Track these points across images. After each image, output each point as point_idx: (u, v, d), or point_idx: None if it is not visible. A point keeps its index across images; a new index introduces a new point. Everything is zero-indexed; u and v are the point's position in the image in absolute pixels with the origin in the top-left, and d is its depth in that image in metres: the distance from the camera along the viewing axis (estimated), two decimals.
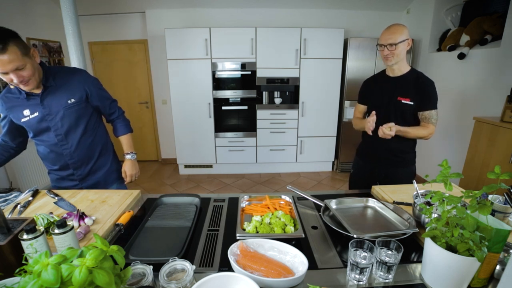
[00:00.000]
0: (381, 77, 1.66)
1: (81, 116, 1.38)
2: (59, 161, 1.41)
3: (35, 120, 1.30)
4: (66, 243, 0.78)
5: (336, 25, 3.80)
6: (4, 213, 0.87)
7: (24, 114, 1.29)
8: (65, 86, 1.32)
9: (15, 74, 1.11)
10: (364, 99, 1.75)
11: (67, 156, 1.40)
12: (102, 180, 1.53)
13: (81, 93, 1.35)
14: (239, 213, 1.10)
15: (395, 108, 1.56)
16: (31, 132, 1.34)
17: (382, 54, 1.52)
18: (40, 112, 1.29)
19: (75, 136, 1.38)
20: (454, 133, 3.04)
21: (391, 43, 1.45)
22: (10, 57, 1.07)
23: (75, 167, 1.44)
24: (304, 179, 3.87)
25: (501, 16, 2.71)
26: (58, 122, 1.33)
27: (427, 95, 1.51)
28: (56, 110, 1.31)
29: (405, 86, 1.54)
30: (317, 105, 3.73)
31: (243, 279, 0.71)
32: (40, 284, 0.50)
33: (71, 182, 1.48)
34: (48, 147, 1.37)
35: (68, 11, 1.92)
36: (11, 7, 2.96)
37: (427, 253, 0.78)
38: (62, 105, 1.31)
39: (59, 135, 1.35)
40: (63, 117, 1.32)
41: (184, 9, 3.74)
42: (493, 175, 0.70)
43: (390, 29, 1.48)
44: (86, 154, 1.44)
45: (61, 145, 1.37)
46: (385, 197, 1.28)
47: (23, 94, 1.26)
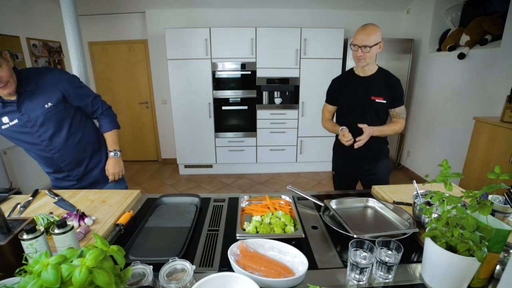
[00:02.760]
0: (352, 77, 1.65)
1: (63, 118, 1.32)
2: (52, 165, 1.39)
3: (15, 127, 1.25)
4: (66, 243, 0.78)
5: (336, 25, 3.80)
6: (4, 213, 0.87)
7: (3, 121, 1.24)
8: (39, 89, 1.25)
9: None
10: (334, 99, 1.74)
11: (58, 159, 1.37)
12: (100, 177, 1.51)
13: (57, 94, 1.28)
14: (239, 213, 1.10)
15: (370, 108, 1.58)
16: (15, 139, 1.30)
17: (355, 54, 1.51)
18: (19, 119, 1.24)
19: (60, 140, 1.33)
20: (454, 133, 3.04)
21: (366, 45, 1.45)
22: None
23: (68, 169, 1.41)
24: (304, 179, 3.87)
25: (501, 16, 2.71)
26: (40, 128, 1.28)
27: (397, 93, 1.56)
28: (34, 116, 1.25)
29: (377, 85, 1.56)
30: (317, 105, 3.72)
31: (243, 279, 0.71)
32: (40, 284, 0.50)
33: (68, 182, 1.47)
34: (36, 152, 1.34)
35: (68, 11, 1.92)
36: (11, 7, 2.96)
37: (427, 253, 0.78)
38: (40, 111, 1.25)
39: (44, 140, 1.30)
40: (43, 122, 1.27)
41: (184, 9, 3.74)
42: (493, 175, 0.70)
43: (366, 30, 1.45)
44: (77, 155, 1.40)
45: (48, 150, 1.33)
46: (385, 197, 1.28)
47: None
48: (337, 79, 1.76)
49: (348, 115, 1.69)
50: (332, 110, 1.79)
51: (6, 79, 1.12)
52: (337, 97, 1.72)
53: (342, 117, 1.75)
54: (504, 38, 2.52)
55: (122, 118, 4.36)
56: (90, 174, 1.48)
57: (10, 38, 2.91)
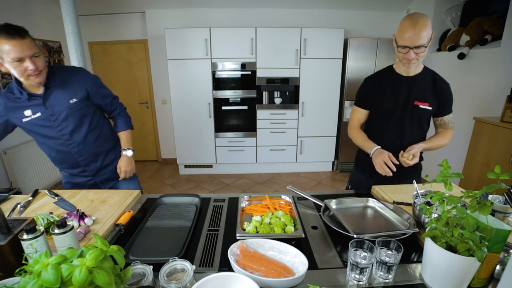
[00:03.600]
0: (391, 75, 1.37)
1: (84, 114, 1.38)
2: (69, 159, 1.41)
3: (38, 120, 1.29)
4: (66, 243, 0.78)
5: (336, 25, 3.80)
6: (4, 213, 0.87)
7: (25, 114, 1.28)
8: (66, 86, 1.31)
9: (32, 61, 1.14)
10: (368, 102, 1.42)
11: (76, 154, 1.40)
12: (113, 175, 1.55)
13: (82, 92, 1.35)
14: (239, 213, 1.10)
15: (411, 115, 1.34)
16: (34, 132, 1.33)
17: (405, 57, 1.23)
18: (42, 112, 1.29)
19: (80, 135, 1.38)
20: (454, 133, 3.03)
21: (420, 45, 1.17)
22: (29, 43, 1.12)
23: (85, 163, 1.44)
24: (304, 179, 3.87)
25: (501, 16, 2.71)
26: (63, 122, 1.33)
27: (446, 99, 1.35)
28: (59, 111, 1.31)
29: (422, 88, 1.32)
30: (317, 105, 3.73)
31: (243, 279, 0.71)
32: (40, 284, 0.50)
33: (83, 178, 1.49)
34: (55, 146, 1.37)
35: (68, 11, 1.93)
36: (11, 7, 2.96)
37: (427, 253, 0.78)
38: (64, 105, 1.31)
39: (65, 134, 1.35)
40: (66, 117, 1.32)
41: (184, 9, 3.74)
42: (493, 175, 0.70)
43: (417, 25, 1.15)
44: (94, 150, 1.44)
45: (67, 144, 1.37)
46: (385, 197, 1.28)
47: (24, 95, 1.25)
48: (372, 78, 1.44)
49: (381, 122, 1.41)
50: (364, 117, 1.47)
51: (41, 68, 1.19)
52: (371, 100, 1.41)
53: (373, 123, 1.46)
54: (504, 38, 2.52)
55: None
56: (105, 170, 1.52)
57: None
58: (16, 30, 1.10)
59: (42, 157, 3.19)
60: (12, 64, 1.13)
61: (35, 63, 1.15)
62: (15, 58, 1.11)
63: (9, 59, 1.11)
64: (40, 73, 1.19)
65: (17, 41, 1.09)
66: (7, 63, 1.13)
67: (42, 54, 1.19)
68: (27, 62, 1.13)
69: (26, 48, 1.11)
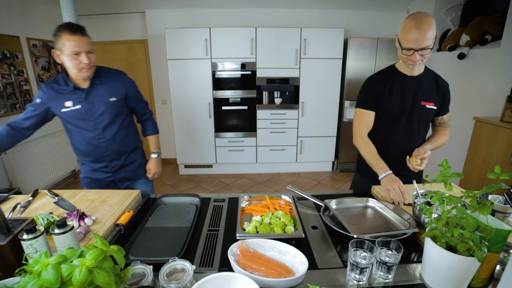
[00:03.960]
0: (396, 75, 1.34)
1: (119, 113, 1.48)
2: (95, 153, 1.47)
3: (76, 111, 1.38)
4: (66, 243, 0.78)
5: (336, 25, 3.80)
6: (4, 213, 0.87)
7: (65, 105, 1.37)
8: (109, 85, 1.43)
9: (87, 56, 1.28)
10: (374, 102, 1.35)
11: (103, 148, 1.47)
12: (132, 173, 1.61)
13: (122, 93, 1.47)
14: (239, 213, 1.10)
15: (419, 115, 1.32)
16: (69, 123, 1.41)
17: (409, 59, 1.20)
18: (82, 105, 1.38)
19: (111, 131, 1.46)
20: (454, 133, 3.04)
21: (425, 47, 1.14)
22: (87, 40, 1.28)
23: (109, 159, 1.51)
24: (304, 179, 3.87)
25: (501, 16, 2.71)
26: (98, 117, 1.41)
27: (446, 98, 1.36)
28: (98, 106, 1.40)
29: (427, 88, 1.31)
30: (317, 105, 3.73)
31: (243, 279, 0.71)
32: (40, 284, 0.50)
33: (104, 174, 1.54)
34: (86, 139, 1.44)
35: (68, 11, 1.92)
36: (11, 7, 2.96)
37: (427, 253, 0.78)
38: (104, 102, 1.41)
39: (98, 128, 1.43)
40: (103, 112, 1.42)
41: (184, 9, 3.74)
42: (493, 175, 0.70)
43: (421, 27, 1.12)
44: (120, 148, 1.52)
45: (98, 138, 1.44)
46: (385, 197, 1.28)
47: (70, 87, 1.35)
48: (375, 78, 1.38)
49: (388, 124, 1.37)
50: (372, 121, 1.37)
51: (93, 64, 1.32)
52: (377, 100, 1.35)
53: (380, 126, 1.39)
54: (504, 38, 2.52)
55: None
56: (125, 168, 1.58)
57: (10, 38, 2.91)
58: (78, 27, 1.26)
59: (42, 157, 3.19)
60: (69, 57, 1.26)
61: (89, 58, 1.29)
62: (73, 51, 1.24)
63: (68, 52, 1.25)
64: (91, 67, 1.31)
65: (78, 37, 1.24)
66: (65, 55, 1.26)
67: (95, 52, 1.33)
68: (82, 57, 1.26)
69: (84, 44, 1.26)
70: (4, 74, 2.83)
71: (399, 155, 1.34)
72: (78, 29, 1.26)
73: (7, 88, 2.85)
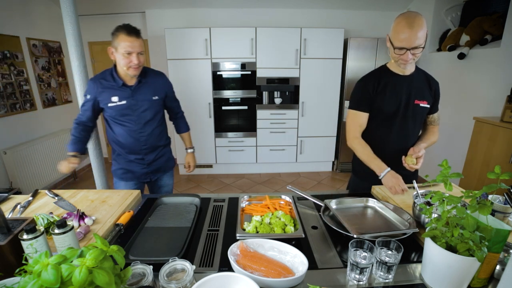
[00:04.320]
0: (388, 75, 1.33)
1: (158, 111, 1.62)
2: (134, 146, 1.58)
3: (122, 107, 1.49)
4: (66, 243, 0.78)
5: (336, 25, 3.80)
6: (4, 213, 0.87)
7: (112, 100, 1.47)
8: (153, 84, 1.56)
9: (138, 56, 1.40)
10: (368, 104, 1.34)
11: (142, 142, 1.59)
12: (163, 166, 1.74)
13: (163, 93, 1.62)
14: (239, 213, 1.10)
15: (413, 114, 1.32)
16: (114, 116, 1.51)
17: (401, 58, 1.20)
18: (128, 101, 1.49)
19: (151, 127, 1.59)
20: (454, 133, 3.05)
21: (417, 46, 1.14)
22: (140, 43, 1.41)
23: (145, 152, 1.62)
24: (304, 179, 3.87)
25: (501, 16, 2.71)
26: (141, 113, 1.53)
27: (437, 97, 1.37)
28: (142, 103, 1.52)
29: (420, 87, 1.32)
30: (317, 105, 3.73)
31: (243, 279, 0.71)
32: (40, 284, 0.50)
33: (138, 165, 1.64)
34: (128, 132, 1.55)
35: (68, 11, 1.92)
36: (11, 7, 2.96)
37: (427, 253, 0.78)
38: (147, 100, 1.54)
39: (139, 123, 1.54)
40: (146, 109, 1.54)
41: (184, 9, 3.74)
42: (493, 175, 0.70)
43: (413, 26, 1.12)
44: (156, 143, 1.65)
45: (138, 132, 1.56)
46: (385, 197, 1.28)
47: (119, 83, 1.47)
48: (368, 78, 1.37)
49: (383, 124, 1.37)
50: (365, 122, 1.37)
51: (141, 64, 1.44)
52: (371, 101, 1.34)
53: (375, 127, 1.39)
54: (504, 38, 2.52)
55: None
56: (157, 161, 1.69)
57: (10, 38, 2.91)
58: (134, 30, 1.39)
59: (42, 157, 3.19)
60: (122, 55, 1.38)
61: (139, 59, 1.41)
62: (127, 51, 1.37)
63: (122, 51, 1.37)
64: (139, 67, 1.43)
65: (133, 38, 1.37)
66: (119, 54, 1.39)
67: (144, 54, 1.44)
68: (134, 56, 1.38)
69: (137, 46, 1.38)
70: (4, 74, 2.83)
71: (395, 155, 1.34)
72: (134, 31, 1.38)
73: (7, 88, 2.85)
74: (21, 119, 3.03)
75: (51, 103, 3.49)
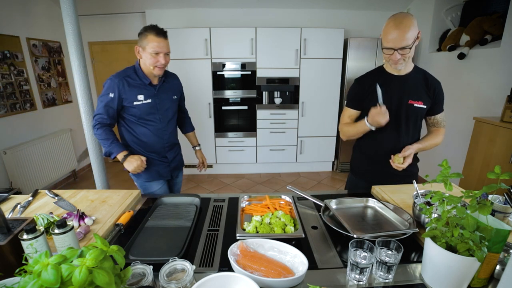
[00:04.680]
0: (382, 75, 1.37)
1: (176, 111, 1.70)
2: (158, 144, 1.61)
3: (147, 105, 1.51)
4: (66, 243, 0.78)
5: (336, 25, 3.80)
6: (4, 213, 0.87)
7: (138, 98, 1.48)
8: (172, 85, 1.65)
9: (164, 57, 1.44)
10: (359, 102, 1.41)
11: (165, 140, 1.63)
12: (179, 163, 1.82)
13: (179, 93, 1.72)
14: (239, 213, 1.10)
15: (406, 114, 1.33)
16: (139, 115, 1.51)
17: (390, 58, 1.23)
18: (153, 100, 1.52)
19: (172, 126, 1.67)
20: (454, 133, 3.04)
21: (404, 47, 1.17)
22: (167, 44, 1.46)
23: (167, 150, 1.67)
24: (304, 179, 3.87)
25: (501, 16, 2.71)
26: (165, 111, 1.59)
27: (438, 98, 1.35)
28: (165, 101, 1.58)
29: (415, 87, 1.32)
30: (317, 105, 3.73)
31: (243, 279, 0.71)
32: (40, 284, 0.50)
33: (162, 164, 1.66)
34: (153, 131, 1.57)
35: (68, 11, 1.92)
36: (11, 7, 2.96)
37: (427, 253, 0.78)
38: (169, 99, 1.61)
39: (164, 122, 1.59)
40: (168, 108, 1.60)
41: (184, 9, 3.74)
42: (493, 175, 0.70)
43: (400, 26, 1.15)
44: (174, 140, 1.72)
45: (162, 130, 1.60)
46: (385, 197, 1.28)
47: (145, 81, 1.50)
48: (362, 78, 1.42)
49: None
50: (354, 116, 1.45)
51: (166, 65, 1.48)
52: (362, 101, 1.39)
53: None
54: (504, 38, 2.52)
55: None
56: (175, 159, 1.76)
57: (10, 38, 2.91)
58: (162, 31, 1.43)
59: (42, 157, 3.19)
60: (150, 55, 1.42)
61: (165, 60, 1.45)
62: (155, 51, 1.41)
63: (150, 51, 1.41)
64: (163, 67, 1.48)
65: (161, 39, 1.41)
66: (147, 53, 1.42)
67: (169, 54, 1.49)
68: (160, 57, 1.43)
69: (164, 46, 1.43)
70: (4, 74, 2.83)
71: (387, 153, 1.34)
72: (162, 32, 1.42)
73: (7, 88, 2.85)
74: (21, 119, 3.03)
75: (51, 103, 3.49)
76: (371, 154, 1.43)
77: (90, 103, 2.16)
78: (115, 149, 1.44)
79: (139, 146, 1.58)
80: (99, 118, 1.46)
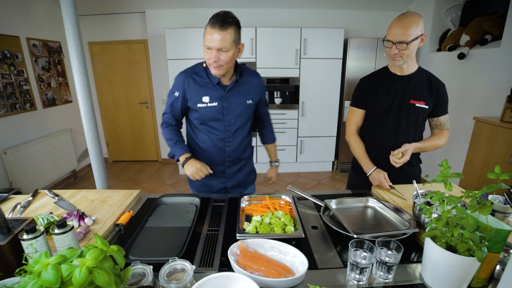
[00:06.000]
0: (385, 75, 1.38)
1: (249, 118, 1.40)
2: (217, 156, 1.39)
3: (212, 109, 1.29)
4: (66, 243, 0.78)
5: (336, 25, 3.80)
6: (4, 213, 0.87)
7: (202, 100, 1.29)
8: (248, 86, 1.35)
9: (216, 53, 1.16)
10: (364, 101, 1.42)
11: (227, 153, 1.39)
12: (243, 181, 1.54)
13: (257, 97, 1.39)
14: (239, 213, 1.10)
15: (408, 113, 1.34)
16: (201, 120, 1.33)
17: (389, 52, 1.26)
18: (219, 103, 1.29)
19: (240, 136, 1.39)
20: (454, 133, 3.04)
21: (402, 41, 1.19)
22: (224, 37, 1.13)
23: (228, 165, 1.43)
24: (304, 179, 3.87)
25: (501, 16, 2.71)
26: (232, 118, 1.33)
27: (442, 100, 1.36)
28: (235, 107, 1.32)
29: (418, 87, 1.33)
30: (317, 105, 3.73)
31: (243, 279, 0.71)
32: (40, 284, 0.50)
33: (219, 179, 1.44)
34: (213, 140, 1.36)
35: (68, 11, 1.92)
36: (11, 6, 2.96)
37: (427, 253, 0.78)
38: (241, 104, 1.33)
39: (228, 131, 1.35)
40: (238, 115, 1.34)
41: (184, 9, 3.74)
42: (493, 175, 0.70)
43: (403, 22, 1.18)
44: (240, 155, 1.44)
45: (226, 141, 1.36)
46: (385, 197, 1.28)
47: (213, 80, 1.27)
48: (367, 78, 1.45)
49: (378, 122, 1.41)
50: (361, 119, 1.46)
51: (222, 63, 1.19)
52: (367, 99, 1.41)
53: (370, 124, 1.45)
54: (504, 38, 2.52)
55: (122, 118, 4.36)
56: (237, 175, 1.49)
57: (10, 38, 2.91)
58: (221, 20, 1.12)
59: (42, 157, 3.19)
60: (204, 50, 1.20)
61: (217, 56, 1.17)
62: (206, 45, 1.17)
63: (204, 45, 1.18)
64: (219, 66, 1.20)
65: (214, 31, 1.13)
66: (204, 47, 1.19)
67: (232, 51, 1.19)
68: (212, 52, 1.16)
69: (217, 40, 1.14)
70: (4, 74, 2.83)
71: (387, 152, 1.34)
72: (220, 23, 1.13)
73: (7, 88, 2.85)
74: (21, 119, 3.03)
75: (51, 103, 3.49)
76: (371, 153, 1.44)
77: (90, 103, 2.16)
78: (177, 150, 1.31)
79: (197, 153, 1.41)
80: (165, 117, 1.36)
